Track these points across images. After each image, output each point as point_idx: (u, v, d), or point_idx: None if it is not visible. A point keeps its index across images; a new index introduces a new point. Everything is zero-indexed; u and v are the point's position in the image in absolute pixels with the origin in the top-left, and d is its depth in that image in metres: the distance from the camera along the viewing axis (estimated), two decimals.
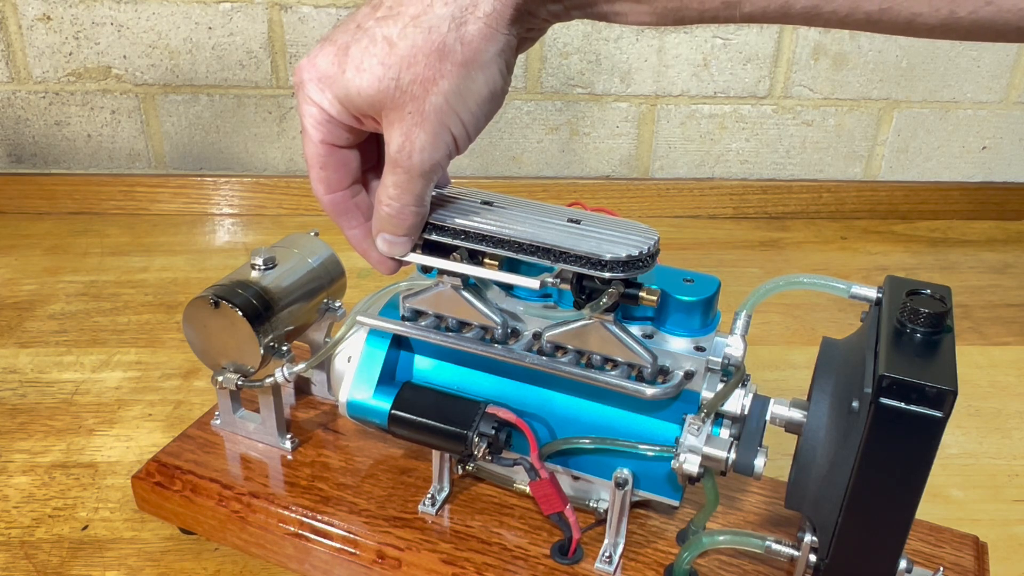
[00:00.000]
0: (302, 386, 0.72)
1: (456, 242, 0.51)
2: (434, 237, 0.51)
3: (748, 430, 0.51)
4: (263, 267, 0.63)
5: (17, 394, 0.85)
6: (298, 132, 1.26)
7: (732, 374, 0.52)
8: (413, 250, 0.51)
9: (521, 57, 1.30)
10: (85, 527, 0.68)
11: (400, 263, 0.51)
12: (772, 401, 0.51)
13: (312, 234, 0.69)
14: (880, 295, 0.49)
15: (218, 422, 0.68)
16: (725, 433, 0.52)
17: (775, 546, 0.51)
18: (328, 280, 0.67)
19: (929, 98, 1.28)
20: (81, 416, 0.82)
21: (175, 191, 1.27)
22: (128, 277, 1.09)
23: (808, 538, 0.49)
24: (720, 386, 0.51)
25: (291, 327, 0.64)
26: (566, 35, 1.21)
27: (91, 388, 0.86)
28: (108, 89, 1.22)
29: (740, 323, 0.52)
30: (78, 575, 0.64)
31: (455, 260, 0.52)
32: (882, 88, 1.26)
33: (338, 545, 0.59)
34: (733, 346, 0.52)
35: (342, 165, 0.46)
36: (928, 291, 0.47)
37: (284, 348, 0.62)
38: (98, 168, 1.27)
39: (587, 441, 0.55)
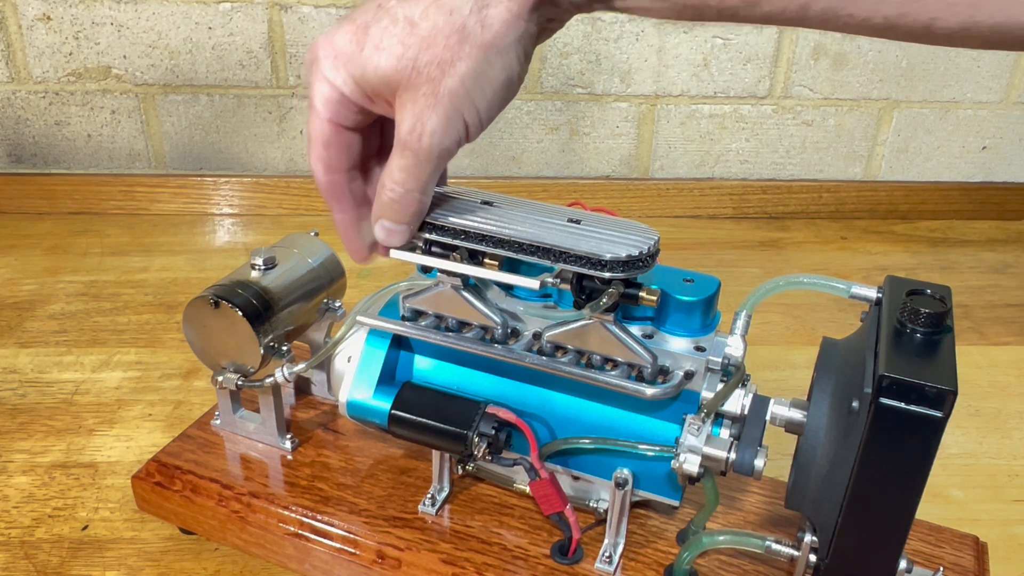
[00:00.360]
0: (302, 386, 0.72)
1: (456, 242, 0.51)
2: (434, 237, 0.51)
3: (748, 430, 0.51)
4: (263, 267, 0.63)
5: (17, 394, 0.85)
6: (298, 132, 1.26)
7: (732, 374, 0.52)
8: (413, 250, 0.51)
9: None
10: (85, 527, 0.68)
11: (374, 255, 0.50)
12: (772, 401, 0.51)
13: (312, 234, 0.69)
14: (880, 295, 0.49)
15: (218, 422, 0.68)
16: (725, 433, 0.52)
17: (775, 546, 0.51)
18: (328, 280, 0.67)
19: (929, 98, 1.28)
20: (81, 416, 0.82)
21: (175, 191, 1.27)
22: (128, 277, 1.09)
23: (808, 538, 0.49)
24: (720, 386, 0.51)
25: (291, 327, 0.64)
26: (566, 35, 1.20)
27: (91, 388, 0.86)
28: (108, 89, 1.22)
29: (740, 323, 0.52)
30: (78, 575, 0.64)
31: (455, 260, 0.52)
32: (882, 88, 1.26)
33: (338, 545, 0.59)
34: (733, 346, 0.52)
35: (345, 147, 0.46)
36: (928, 291, 0.47)
37: (284, 348, 0.62)
38: (98, 168, 1.27)
39: (587, 441, 0.55)
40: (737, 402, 0.51)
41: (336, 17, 1.18)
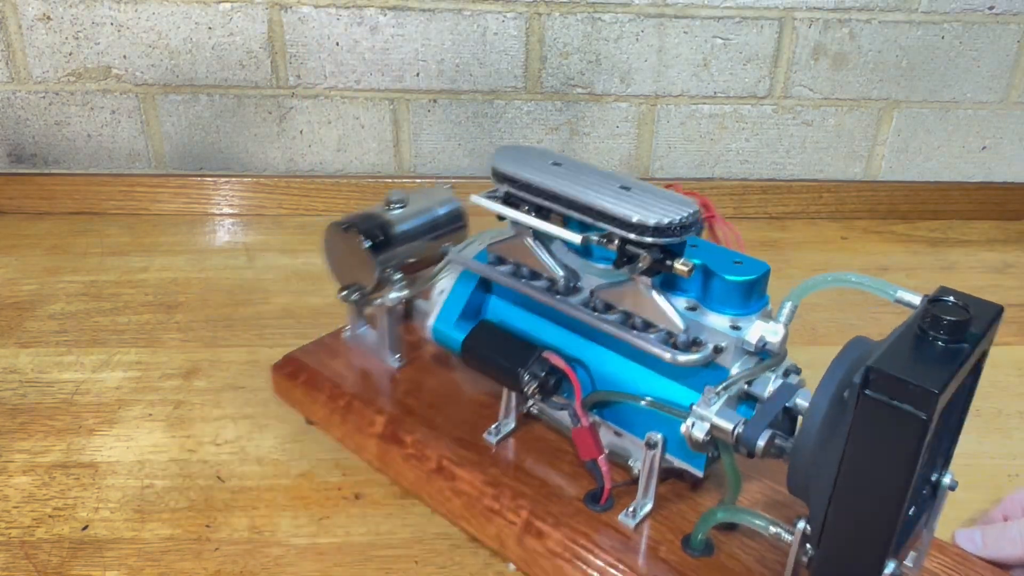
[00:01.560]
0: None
1: (522, 194, 0.58)
2: (507, 188, 0.58)
3: (763, 409, 0.51)
4: (394, 205, 0.74)
5: (17, 394, 0.85)
6: (298, 132, 1.26)
7: (768, 357, 0.53)
8: (493, 199, 0.60)
9: (521, 57, 1.30)
10: (85, 527, 0.68)
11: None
12: (800, 391, 0.52)
13: (446, 187, 0.79)
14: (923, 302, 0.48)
15: (347, 335, 0.79)
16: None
17: (773, 528, 0.51)
18: (449, 228, 0.76)
19: (929, 98, 1.28)
20: (81, 416, 0.81)
21: (175, 191, 1.27)
22: (128, 277, 1.08)
23: (801, 524, 0.49)
24: (750, 366, 0.53)
25: (409, 260, 0.74)
26: (566, 35, 1.21)
27: (91, 388, 0.86)
28: (108, 89, 1.21)
29: (785, 311, 0.54)
30: (78, 575, 0.64)
31: (523, 212, 0.58)
32: (882, 88, 1.27)
33: (410, 451, 0.67)
34: (771, 331, 0.52)
35: None
36: (951, 299, 0.46)
37: (397, 276, 0.71)
38: (98, 168, 1.27)
39: (621, 396, 0.59)
40: (767, 386, 0.53)
41: (336, 17, 1.18)
